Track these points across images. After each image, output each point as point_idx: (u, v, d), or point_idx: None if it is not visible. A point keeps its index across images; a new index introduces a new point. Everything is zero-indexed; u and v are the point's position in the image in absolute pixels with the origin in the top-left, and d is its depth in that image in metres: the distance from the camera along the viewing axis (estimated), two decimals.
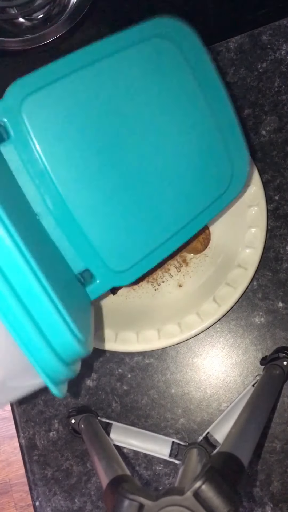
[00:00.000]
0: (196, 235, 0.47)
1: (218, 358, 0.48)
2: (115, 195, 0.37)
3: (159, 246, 0.39)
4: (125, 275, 0.39)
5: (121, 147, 0.37)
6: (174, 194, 0.39)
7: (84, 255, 0.37)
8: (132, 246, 0.39)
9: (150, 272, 0.48)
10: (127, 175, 0.38)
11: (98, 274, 0.38)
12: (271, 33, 0.50)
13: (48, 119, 0.35)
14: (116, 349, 0.46)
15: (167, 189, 0.39)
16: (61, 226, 0.36)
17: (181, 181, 0.39)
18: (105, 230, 0.38)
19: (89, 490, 0.48)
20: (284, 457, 0.46)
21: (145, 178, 0.38)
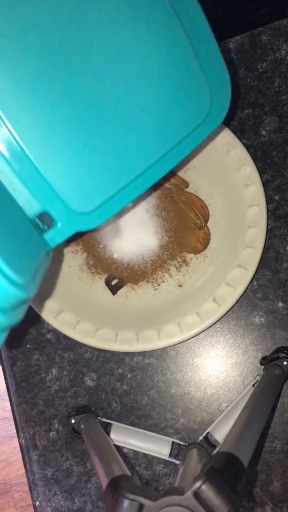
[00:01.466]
0: (191, 232, 0.47)
1: (218, 358, 0.48)
2: (74, 126, 0.33)
3: (129, 184, 0.35)
4: (90, 218, 0.35)
5: (81, 68, 0.32)
6: (143, 124, 0.34)
7: (41, 196, 0.33)
8: (97, 184, 0.34)
9: (150, 272, 0.48)
10: (87, 101, 0.33)
11: (58, 216, 0.34)
12: (271, 33, 0.50)
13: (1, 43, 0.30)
14: (116, 349, 0.46)
15: (135, 118, 0.34)
16: (11, 165, 0.32)
17: (150, 109, 0.34)
18: (64, 166, 0.33)
19: (89, 490, 0.48)
20: (284, 457, 0.46)
21: (109, 106, 0.33)
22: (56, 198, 0.34)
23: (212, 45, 0.35)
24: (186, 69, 0.35)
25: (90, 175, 0.34)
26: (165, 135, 0.35)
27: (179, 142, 0.35)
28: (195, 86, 0.35)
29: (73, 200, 0.34)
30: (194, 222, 0.47)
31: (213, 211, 0.48)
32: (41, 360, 0.50)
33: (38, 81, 0.32)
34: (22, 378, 0.50)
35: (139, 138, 0.34)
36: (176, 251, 0.48)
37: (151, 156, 0.35)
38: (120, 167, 0.34)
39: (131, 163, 0.35)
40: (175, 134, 0.35)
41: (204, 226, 0.47)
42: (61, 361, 0.49)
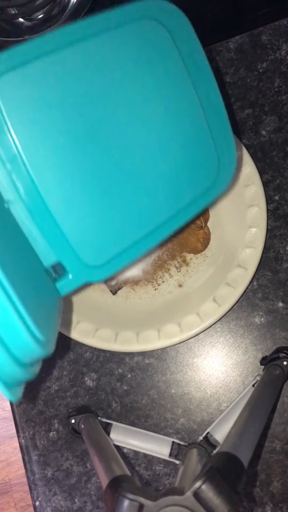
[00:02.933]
0: (191, 232, 0.47)
1: (218, 358, 0.48)
2: (92, 185, 0.35)
3: (138, 241, 0.37)
4: (99, 271, 0.36)
5: (102, 134, 0.35)
6: (156, 186, 0.37)
7: (57, 247, 0.35)
8: (108, 240, 0.36)
9: (150, 272, 0.48)
10: (106, 164, 0.35)
11: (70, 268, 0.36)
12: (271, 33, 0.50)
13: (24, 100, 0.32)
14: (116, 349, 0.46)
15: (148, 180, 0.36)
16: (33, 215, 0.34)
17: (163, 173, 0.37)
18: (80, 221, 0.35)
19: (89, 490, 0.48)
20: (284, 457, 0.46)
21: (125, 168, 0.36)
22: (70, 251, 0.35)
23: (222, 114, 0.38)
24: (198, 137, 0.37)
25: (103, 232, 0.36)
26: (175, 198, 0.37)
27: (188, 204, 0.38)
28: (207, 156, 0.38)
29: (86, 253, 0.36)
30: (194, 222, 0.47)
31: (213, 211, 0.48)
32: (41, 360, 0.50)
33: (67, 147, 0.34)
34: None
35: (151, 199, 0.37)
36: (176, 251, 0.48)
37: (160, 216, 0.37)
38: (131, 225, 0.36)
39: (142, 221, 0.37)
40: (184, 196, 0.38)
41: (204, 226, 0.47)
42: (61, 361, 0.49)
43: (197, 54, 0.36)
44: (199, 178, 0.38)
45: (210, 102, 0.37)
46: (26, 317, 0.26)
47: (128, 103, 0.35)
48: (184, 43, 0.36)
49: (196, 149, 0.37)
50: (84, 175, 0.35)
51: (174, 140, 0.37)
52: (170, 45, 0.35)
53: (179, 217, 0.38)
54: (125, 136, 0.35)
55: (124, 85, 0.35)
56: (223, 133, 0.38)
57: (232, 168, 0.39)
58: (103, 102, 0.34)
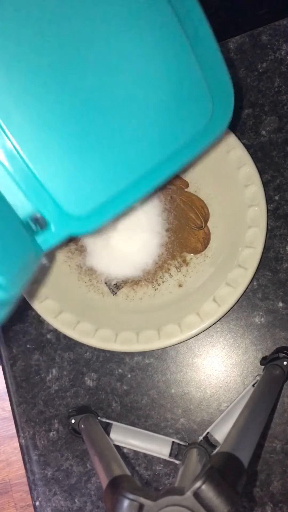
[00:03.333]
0: (191, 232, 0.47)
1: (218, 358, 0.48)
2: (71, 127, 0.32)
3: (126, 189, 0.34)
4: (85, 222, 0.34)
5: (79, 68, 0.31)
6: (142, 128, 0.33)
7: (34, 198, 0.32)
8: (93, 188, 0.33)
9: (150, 272, 0.48)
10: (86, 103, 0.32)
11: (52, 219, 0.33)
12: (271, 33, 0.50)
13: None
14: (116, 349, 0.46)
15: (133, 122, 0.33)
16: (3, 164, 0.31)
17: (150, 114, 0.33)
18: (60, 169, 0.32)
19: (89, 490, 0.48)
20: (284, 457, 0.46)
21: (108, 107, 0.32)
22: (49, 200, 0.33)
23: (215, 52, 0.35)
24: (187, 74, 0.34)
25: (85, 178, 0.33)
26: (164, 140, 0.34)
27: (179, 148, 0.35)
28: (196, 92, 0.34)
29: (67, 202, 0.33)
30: (194, 222, 0.47)
31: (213, 211, 0.48)
32: (41, 360, 0.50)
33: (36, 82, 0.31)
34: (22, 378, 0.50)
35: (137, 142, 0.34)
36: (176, 251, 0.48)
37: (149, 161, 0.34)
38: (116, 170, 0.34)
39: (128, 167, 0.34)
40: (175, 139, 0.34)
41: (204, 226, 0.47)
42: (61, 361, 0.49)
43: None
44: (191, 118, 0.35)
45: (199, 37, 0.34)
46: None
47: (110, 39, 0.32)
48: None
49: (185, 87, 0.34)
50: (61, 116, 0.32)
51: (159, 78, 0.34)
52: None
53: (171, 163, 0.35)
54: (107, 71, 0.32)
55: (105, 18, 0.32)
56: (216, 73, 0.35)
57: (229, 107, 0.36)
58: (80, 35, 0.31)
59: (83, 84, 0.32)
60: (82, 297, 0.48)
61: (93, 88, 0.32)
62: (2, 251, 0.29)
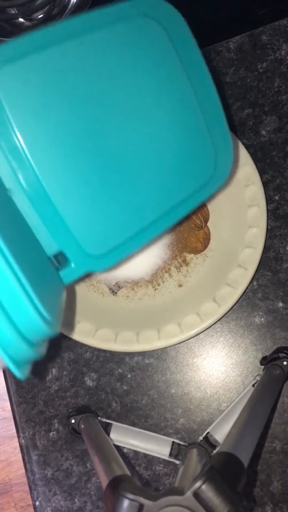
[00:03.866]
0: (191, 232, 0.47)
1: (218, 358, 0.48)
2: (93, 176, 0.36)
3: (138, 232, 0.38)
4: (101, 260, 0.37)
5: (101, 127, 0.36)
6: (155, 179, 0.38)
7: (59, 237, 0.36)
8: (109, 231, 0.37)
9: (150, 272, 0.48)
10: (106, 156, 0.36)
11: (73, 257, 0.36)
12: (271, 33, 0.50)
13: (24, 91, 0.33)
14: (116, 349, 0.46)
15: (147, 173, 0.37)
16: (35, 205, 0.35)
17: (162, 166, 0.38)
18: (82, 212, 0.36)
19: (89, 490, 0.48)
20: (284, 457, 0.46)
21: (125, 161, 0.37)
22: (72, 240, 0.36)
23: (218, 110, 0.38)
24: (195, 132, 0.38)
25: (104, 222, 0.37)
26: (173, 191, 0.38)
27: (186, 198, 0.39)
28: (204, 150, 0.38)
29: (88, 243, 0.36)
30: (194, 222, 0.47)
31: (213, 211, 0.48)
32: (41, 360, 0.50)
33: (68, 139, 0.35)
34: None
35: (149, 192, 0.38)
36: (176, 251, 0.48)
37: (159, 209, 0.38)
38: (132, 216, 0.38)
39: (141, 213, 0.38)
40: (182, 191, 0.39)
41: (204, 226, 0.47)
42: (61, 361, 0.49)
43: (192, 51, 0.37)
44: (197, 172, 0.39)
45: (206, 98, 0.38)
46: (34, 297, 0.28)
47: (125, 99, 0.36)
48: (179, 40, 0.37)
49: (193, 144, 0.38)
50: (84, 166, 0.35)
51: (171, 135, 0.37)
52: (165, 41, 0.36)
53: (178, 211, 0.39)
54: (125, 130, 0.36)
55: (121, 81, 0.35)
56: (219, 129, 0.39)
57: (229, 163, 0.40)
58: (101, 96, 0.35)
59: (107, 142, 0.36)
60: (82, 297, 0.48)
61: (115, 146, 0.36)
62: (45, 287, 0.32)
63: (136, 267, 0.48)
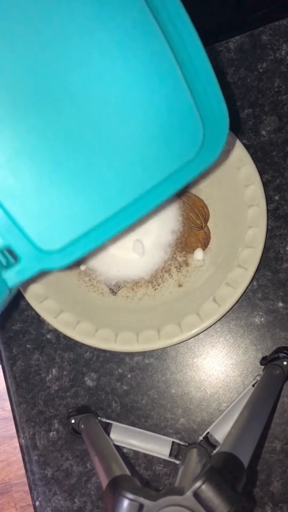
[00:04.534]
0: (191, 232, 0.47)
1: (218, 358, 0.48)
2: (46, 157, 0.30)
3: (105, 222, 0.32)
4: (58, 256, 0.32)
5: (55, 96, 0.29)
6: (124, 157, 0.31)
7: (4, 231, 0.30)
8: (67, 221, 0.31)
9: (150, 272, 0.48)
10: (63, 131, 0.30)
11: (22, 253, 0.31)
12: (271, 33, 0.50)
13: None
14: (116, 349, 0.46)
15: (114, 152, 0.31)
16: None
17: (131, 142, 0.31)
18: (32, 199, 0.30)
19: (89, 490, 0.48)
20: (284, 457, 0.46)
21: (87, 137, 0.30)
22: (20, 234, 0.31)
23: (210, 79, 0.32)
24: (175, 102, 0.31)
25: (60, 211, 0.31)
26: (147, 171, 0.32)
27: (164, 179, 0.32)
28: (185, 120, 0.32)
29: (40, 236, 0.31)
30: (194, 222, 0.47)
31: (213, 211, 0.48)
32: (41, 360, 0.50)
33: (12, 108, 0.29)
34: (22, 378, 0.50)
35: (117, 172, 0.31)
36: (176, 251, 0.48)
37: (130, 193, 0.32)
38: (95, 203, 0.31)
39: (106, 200, 0.31)
40: (159, 170, 0.32)
41: (204, 226, 0.47)
42: (61, 361, 0.49)
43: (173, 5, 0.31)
44: (178, 149, 0.32)
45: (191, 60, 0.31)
46: None
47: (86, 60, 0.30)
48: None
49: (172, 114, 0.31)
50: (35, 144, 0.30)
51: (141, 104, 0.31)
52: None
53: (155, 194, 0.32)
54: (84, 98, 0.30)
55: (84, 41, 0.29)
56: (210, 98, 0.32)
57: (222, 136, 0.33)
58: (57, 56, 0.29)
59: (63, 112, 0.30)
60: (82, 297, 0.48)
61: (73, 116, 0.30)
62: None
63: (136, 267, 0.48)
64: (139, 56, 0.30)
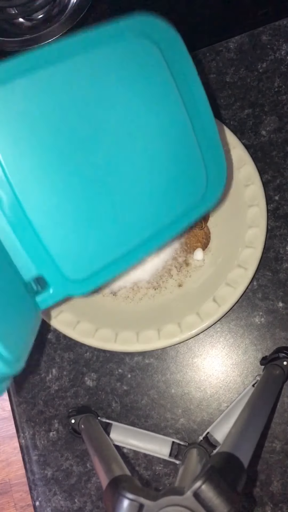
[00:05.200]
0: (191, 232, 0.47)
1: (218, 358, 0.48)
2: (76, 198, 0.35)
3: (122, 256, 0.36)
4: (81, 285, 0.36)
5: (88, 147, 0.35)
6: (142, 200, 0.36)
7: (38, 261, 0.35)
8: (91, 254, 0.36)
9: (150, 273, 0.48)
10: (91, 178, 0.35)
11: (52, 281, 0.35)
12: (271, 33, 0.50)
13: (9, 114, 0.32)
14: (116, 349, 0.46)
15: (134, 195, 0.36)
16: (13, 227, 0.34)
17: (150, 187, 0.36)
18: (63, 235, 0.35)
19: (89, 490, 0.48)
20: (284, 457, 0.46)
21: (111, 183, 0.35)
22: (52, 264, 0.35)
23: (212, 130, 0.37)
24: (186, 153, 0.37)
25: (86, 246, 0.35)
26: (160, 213, 0.37)
27: (174, 219, 0.37)
28: (194, 169, 0.37)
29: (68, 267, 0.35)
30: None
31: (213, 211, 0.48)
32: (41, 360, 0.50)
33: (52, 160, 0.33)
34: (22, 378, 0.50)
35: (136, 215, 0.36)
36: (176, 251, 0.48)
37: (145, 232, 0.37)
38: (116, 240, 0.36)
39: (126, 236, 0.36)
40: (171, 212, 0.37)
41: (204, 226, 0.47)
42: (61, 361, 0.49)
43: (187, 70, 0.36)
44: (187, 193, 0.38)
45: (199, 118, 0.37)
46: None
47: (116, 120, 0.35)
48: (174, 60, 0.36)
49: (184, 165, 0.37)
50: (68, 188, 0.34)
51: (161, 157, 0.36)
52: (159, 62, 0.35)
53: (165, 233, 0.38)
54: (112, 152, 0.35)
55: (113, 102, 0.35)
56: (212, 148, 0.38)
57: (222, 182, 0.39)
58: (91, 118, 0.34)
59: (93, 163, 0.35)
60: (82, 297, 0.48)
61: (101, 166, 0.35)
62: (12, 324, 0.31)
63: (136, 267, 0.48)
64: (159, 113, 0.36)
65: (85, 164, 0.35)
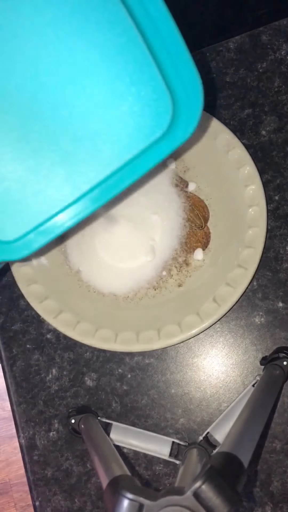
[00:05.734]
0: (191, 232, 0.47)
1: (218, 358, 0.48)
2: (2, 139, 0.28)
3: (66, 207, 0.29)
4: (16, 246, 0.30)
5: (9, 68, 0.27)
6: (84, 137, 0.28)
7: None
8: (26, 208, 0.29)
9: (150, 272, 0.48)
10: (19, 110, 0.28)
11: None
12: (271, 33, 0.50)
13: None
14: (116, 349, 0.46)
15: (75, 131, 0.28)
16: None
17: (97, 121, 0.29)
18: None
19: (89, 490, 0.48)
20: (284, 457, 0.46)
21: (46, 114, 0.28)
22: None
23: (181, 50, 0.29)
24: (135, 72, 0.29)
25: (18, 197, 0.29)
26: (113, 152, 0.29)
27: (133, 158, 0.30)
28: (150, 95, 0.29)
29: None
30: (194, 222, 0.47)
31: (213, 211, 0.48)
32: (41, 360, 0.50)
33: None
34: (22, 378, 0.50)
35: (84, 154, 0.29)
36: (176, 251, 0.48)
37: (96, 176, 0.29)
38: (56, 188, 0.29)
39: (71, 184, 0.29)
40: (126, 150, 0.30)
41: (204, 226, 0.47)
42: (61, 361, 0.49)
43: None
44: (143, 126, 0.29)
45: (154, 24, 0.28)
46: None
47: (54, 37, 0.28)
48: None
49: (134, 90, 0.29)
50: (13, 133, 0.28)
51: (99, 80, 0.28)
52: None
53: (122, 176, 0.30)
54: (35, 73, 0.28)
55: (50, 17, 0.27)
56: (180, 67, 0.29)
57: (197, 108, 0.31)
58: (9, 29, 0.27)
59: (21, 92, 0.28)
60: (82, 297, 0.48)
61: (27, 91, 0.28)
62: None
63: (136, 268, 0.48)
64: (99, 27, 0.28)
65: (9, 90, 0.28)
